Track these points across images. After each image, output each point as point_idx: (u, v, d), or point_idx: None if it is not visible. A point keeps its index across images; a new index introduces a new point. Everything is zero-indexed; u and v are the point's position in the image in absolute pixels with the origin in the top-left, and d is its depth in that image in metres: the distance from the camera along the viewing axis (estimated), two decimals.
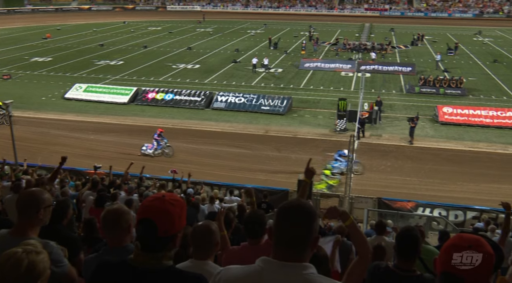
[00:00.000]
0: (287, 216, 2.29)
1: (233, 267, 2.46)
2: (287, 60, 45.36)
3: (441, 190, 19.05)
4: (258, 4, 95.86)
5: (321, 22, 73.58)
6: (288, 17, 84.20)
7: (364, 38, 57.93)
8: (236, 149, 23.30)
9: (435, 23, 75.80)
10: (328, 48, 51.97)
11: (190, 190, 13.46)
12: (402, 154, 22.96)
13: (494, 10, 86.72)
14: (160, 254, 2.51)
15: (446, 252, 2.22)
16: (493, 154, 22.99)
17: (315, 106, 30.77)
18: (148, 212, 2.49)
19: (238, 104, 29.93)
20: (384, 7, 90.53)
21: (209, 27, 68.46)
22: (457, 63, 44.44)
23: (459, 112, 27.63)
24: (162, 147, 22.71)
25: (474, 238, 2.22)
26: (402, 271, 3.82)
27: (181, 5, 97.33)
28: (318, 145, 24.00)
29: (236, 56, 46.35)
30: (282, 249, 2.28)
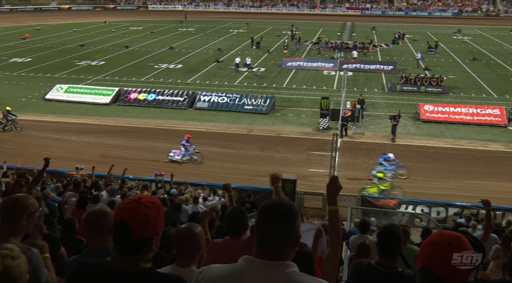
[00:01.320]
0: (268, 215, 2.30)
1: (215, 266, 2.46)
2: (269, 59, 45.40)
3: (423, 187, 19.24)
4: (240, 3, 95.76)
5: (303, 21, 73.84)
6: (270, 16, 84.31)
7: (346, 37, 58.24)
8: (219, 149, 23.24)
9: (415, 21, 76.58)
10: (310, 47, 52.17)
11: (174, 190, 13.39)
12: (385, 152, 23.06)
13: (472, 9, 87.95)
14: (137, 257, 2.46)
15: (425, 248, 2.23)
16: (473, 151, 23.30)
17: (298, 105, 30.84)
18: (122, 215, 2.45)
19: (221, 104, 29.85)
20: (365, 6, 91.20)
21: (191, 27, 68.19)
22: (437, 62, 44.96)
23: (440, 110, 27.95)
24: (191, 153, 21.87)
25: (454, 235, 2.22)
26: (384, 268, 3.86)
27: (163, 5, 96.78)
28: (301, 143, 24.06)
29: (219, 55, 46.24)
30: (264, 248, 2.29)
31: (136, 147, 23.49)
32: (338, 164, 20.45)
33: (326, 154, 20.88)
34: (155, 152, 22.68)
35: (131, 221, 2.42)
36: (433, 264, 2.17)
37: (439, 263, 2.16)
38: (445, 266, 2.14)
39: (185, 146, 21.86)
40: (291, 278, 2.23)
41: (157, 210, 2.49)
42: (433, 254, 2.18)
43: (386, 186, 18.85)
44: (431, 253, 2.19)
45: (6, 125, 25.69)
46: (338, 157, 20.78)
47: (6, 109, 25.96)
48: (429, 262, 2.19)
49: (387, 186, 18.86)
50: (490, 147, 24.00)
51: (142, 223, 2.42)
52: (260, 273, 2.26)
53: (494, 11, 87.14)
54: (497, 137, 25.31)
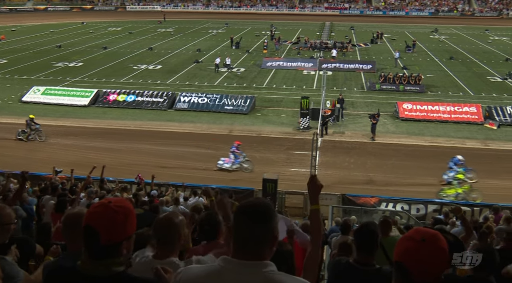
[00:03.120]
0: (245, 216, 2.30)
1: (193, 267, 2.47)
2: (249, 59, 45.41)
3: (403, 184, 19.45)
4: (219, 3, 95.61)
5: (282, 21, 74.05)
6: (249, 16, 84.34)
7: (325, 37, 58.61)
8: (200, 149, 23.14)
9: (393, 21, 77.45)
10: (289, 47, 52.33)
11: (154, 191, 13.29)
12: (365, 150, 23.32)
13: (448, 9, 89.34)
14: (109, 261, 2.43)
15: (400, 243, 2.26)
16: (451, 148, 23.60)
17: (278, 105, 30.90)
18: (90, 219, 2.41)
19: (201, 104, 29.74)
20: (343, 5, 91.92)
21: (170, 27, 67.82)
22: (415, 61, 45.53)
23: (419, 108, 28.30)
24: (241, 161, 20.95)
25: (429, 232, 2.23)
26: (362, 265, 3.92)
27: (141, 5, 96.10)
28: (282, 143, 24.11)
29: (198, 56, 46.07)
30: (241, 248, 2.29)
31: (116, 148, 23.25)
32: (318, 163, 20.55)
33: (307, 153, 20.93)
34: (135, 154, 22.48)
35: (98, 226, 2.38)
36: (406, 259, 2.19)
37: (411, 258, 2.17)
38: (417, 262, 2.15)
39: (234, 153, 20.88)
40: (269, 278, 2.24)
41: (126, 214, 2.45)
42: (407, 249, 2.20)
43: (465, 188, 18.60)
44: (405, 248, 2.21)
45: (30, 135, 24.39)
46: (318, 156, 20.86)
47: (30, 118, 24.60)
48: (402, 257, 2.20)
49: (466, 188, 18.60)
50: (467, 144, 24.38)
51: (110, 228, 2.39)
52: (237, 273, 2.26)
53: (470, 11, 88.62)
54: (474, 134, 25.72)
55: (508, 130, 26.27)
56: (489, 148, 23.94)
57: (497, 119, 27.04)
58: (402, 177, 20.12)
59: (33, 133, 24.49)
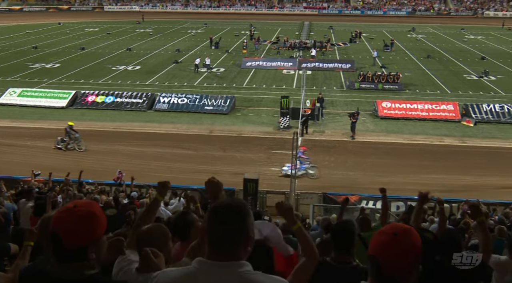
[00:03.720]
0: (218, 216, 2.28)
1: (169, 270, 2.46)
2: (228, 59, 45.33)
3: (383, 182, 19.51)
4: (198, 3, 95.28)
5: (261, 21, 74.11)
6: (228, 16, 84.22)
7: (304, 36, 58.86)
8: (180, 150, 23.01)
9: (371, 20, 78.14)
10: (269, 46, 52.41)
11: (134, 193, 13.18)
12: (345, 149, 23.49)
13: (425, 8, 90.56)
14: (77, 264, 2.40)
15: (375, 237, 2.29)
16: (429, 146, 23.97)
17: (258, 104, 30.93)
18: (54, 224, 2.39)
19: (181, 105, 29.59)
20: (322, 5, 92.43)
21: (149, 28, 67.30)
22: (393, 59, 46.02)
23: (397, 106, 28.61)
24: (306, 167, 20.37)
25: (403, 227, 2.27)
26: (339, 263, 3.94)
27: (119, 6, 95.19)
28: (262, 143, 24.13)
29: (177, 56, 45.81)
30: (215, 249, 2.28)
31: (96, 150, 22.98)
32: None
33: (287, 152, 20.94)
34: (115, 155, 22.25)
35: (61, 231, 2.36)
36: (378, 252, 2.22)
37: (382, 251, 2.20)
38: (388, 255, 2.18)
39: (300, 159, 20.23)
40: (245, 277, 2.23)
41: (92, 218, 2.41)
42: (379, 242, 2.23)
43: None
44: (377, 242, 2.24)
45: (69, 144, 23.01)
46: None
47: (69, 125, 23.18)
48: (375, 250, 2.24)
49: None
50: (445, 141, 24.75)
51: (74, 233, 2.36)
52: (212, 274, 2.25)
53: (446, 10, 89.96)
54: (452, 132, 26.11)
55: (485, 127, 26.74)
56: (466, 145, 24.33)
57: (474, 117, 27.51)
58: (382, 175, 20.26)
59: (72, 143, 23.03)
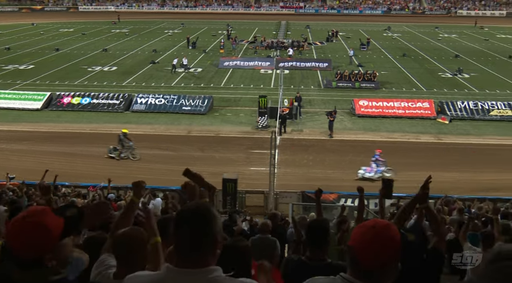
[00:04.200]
0: (183, 222, 2.22)
1: (139, 274, 2.41)
2: (206, 59, 45.21)
3: (361, 180, 19.79)
4: (174, 3, 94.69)
5: (238, 21, 74.04)
6: (205, 16, 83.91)
7: (281, 36, 59.03)
8: (159, 151, 22.88)
9: (347, 19, 78.78)
10: (246, 46, 52.41)
11: (111, 195, 13.04)
12: (323, 147, 23.64)
13: (400, 7, 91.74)
14: (38, 271, 2.36)
15: (355, 229, 2.34)
16: (406, 143, 24.31)
17: (236, 104, 30.93)
18: (6, 236, 2.37)
19: (158, 105, 29.40)
20: (299, 5, 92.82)
21: (125, 28, 66.63)
22: (369, 58, 46.50)
23: (374, 104, 28.92)
24: (383, 170, 20.27)
25: (383, 222, 2.32)
26: (313, 261, 3.95)
27: (94, 6, 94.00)
28: (241, 143, 24.13)
29: (154, 57, 45.46)
30: (183, 256, 2.23)
31: (73, 153, 22.65)
32: (278, 161, 20.66)
33: (266, 152, 20.99)
34: (92, 157, 21.99)
35: (12, 244, 2.33)
36: (354, 243, 2.26)
37: (359, 242, 2.24)
38: (364, 246, 2.22)
39: (376, 162, 20.28)
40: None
41: (41, 230, 2.36)
42: (357, 234, 2.28)
43: None
44: (355, 233, 2.29)
45: (122, 153, 22.09)
46: (277, 154, 21.01)
47: (123, 132, 22.25)
48: (353, 241, 2.27)
49: None
50: (422, 138, 25.12)
51: (24, 246, 2.33)
52: (180, 282, 2.20)
53: (420, 9, 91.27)
54: (428, 129, 26.53)
55: (459, 124, 27.23)
56: (442, 142, 24.73)
57: (449, 114, 27.98)
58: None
59: (125, 151, 22.12)
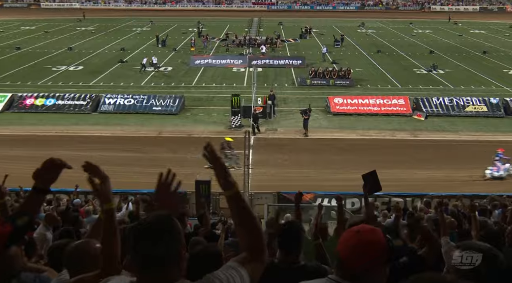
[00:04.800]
0: (140, 236, 2.09)
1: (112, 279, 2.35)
2: (176, 57, 44.96)
3: (337, 179, 19.96)
4: (142, 0, 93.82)
5: (209, 18, 73.77)
6: (175, 13, 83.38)
7: (254, 33, 59.12)
8: (128, 153, 22.59)
9: (321, 16, 79.41)
10: (218, 44, 52.31)
11: (77, 200, 12.80)
12: (298, 147, 23.75)
13: (374, 3, 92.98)
14: None
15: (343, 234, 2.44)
16: (382, 141, 24.63)
17: (209, 104, 30.83)
18: None
19: (127, 106, 29.06)
20: (271, 1, 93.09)
21: (91, 26, 65.69)
22: (344, 55, 46.98)
23: (349, 102, 29.23)
24: (508, 168, 20.36)
25: (368, 228, 2.41)
26: (285, 264, 3.93)
27: (57, 2, 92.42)
28: (214, 143, 23.70)
29: (122, 55, 44.98)
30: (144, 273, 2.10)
31: (37, 156, 22.06)
32: (252, 161, 20.66)
33: (240, 152, 21.03)
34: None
35: None
36: (340, 247, 2.37)
37: (344, 246, 2.35)
38: (348, 250, 2.33)
39: (502, 161, 20.42)
40: None
41: None
42: (343, 238, 2.39)
43: None
44: (342, 238, 2.40)
45: (225, 162, 21.19)
46: (251, 154, 21.00)
47: (226, 141, 21.58)
48: (339, 245, 2.39)
49: None
50: (398, 135, 25.50)
51: None
52: None
53: (394, 5, 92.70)
54: (403, 126, 26.93)
55: (435, 121, 27.73)
56: (418, 139, 25.14)
57: (424, 111, 28.46)
58: (336, 172, 20.65)
59: (228, 160, 20.93)
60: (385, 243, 2.32)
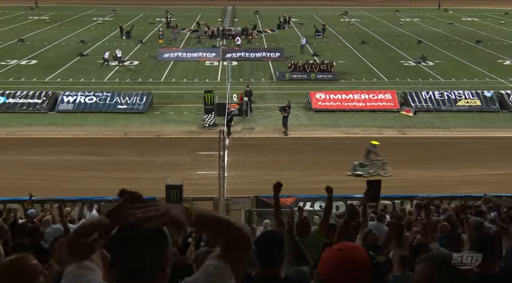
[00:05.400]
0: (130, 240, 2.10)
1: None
2: (143, 50, 44.71)
3: (320, 181, 19.96)
4: None
5: (179, 7, 73.38)
6: (140, 1, 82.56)
7: (228, 23, 59.07)
8: (91, 157, 22.34)
9: (300, 4, 79.65)
10: (188, 35, 52.13)
11: (31, 210, 12.57)
12: (278, 147, 23.82)
13: None
14: None
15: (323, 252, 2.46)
16: (368, 139, 24.80)
17: (179, 101, 30.74)
18: None
19: (89, 104, 28.75)
20: None
21: (45, 15, 64.81)
22: (326, 46, 47.30)
23: (332, 97, 29.43)
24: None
25: (350, 245, 2.47)
26: (264, 278, 3.85)
27: None
28: (186, 144, 23.98)
29: (82, 48, 44.49)
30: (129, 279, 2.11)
31: None
32: (227, 163, 20.63)
33: (214, 153, 20.93)
34: (10, 166, 21.20)
35: None
36: (321, 267, 2.39)
37: (326, 266, 2.37)
38: (330, 270, 2.35)
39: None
40: None
41: None
42: (324, 257, 2.41)
43: None
44: (323, 257, 2.43)
45: (371, 168, 21.04)
46: (227, 156, 20.99)
47: (372, 144, 21.32)
48: (320, 265, 2.41)
49: None
50: (385, 133, 25.79)
51: None
52: None
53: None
54: (391, 123, 27.28)
55: (425, 117, 28.15)
56: (406, 136, 25.48)
57: (413, 106, 28.82)
58: (319, 173, 20.72)
59: (373, 167, 21.19)
60: (368, 260, 2.36)
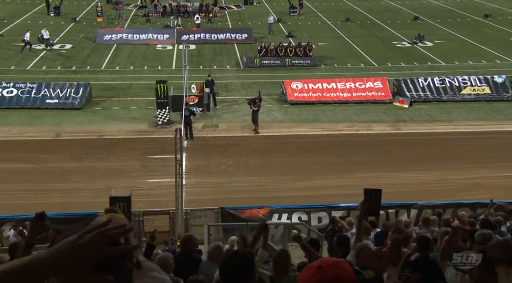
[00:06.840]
0: None
1: None
2: (77, 31, 44.36)
3: (299, 188, 20.26)
4: None
5: None
6: None
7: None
8: (13, 164, 22.02)
9: None
10: (134, 12, 51.77)
11: None
12: (247, 147, 23.94)
13: None
14: None
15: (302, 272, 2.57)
16: (355, 136, 25.18)
17: (125, 94, 30.65)
18: None
19: (8, 98, 28.32)
20: None
21: None
22: (303, 25, 47.62)
23: (311, 87, 29.62)
24: None
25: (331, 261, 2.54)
26: None
27: None
28: (134, 146, 23.91)
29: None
30: None
31: None
32: (186, 169, 20.69)
33: (169, 156, 20.96)
34: None
35: None
36: None
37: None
38: None
39: None
40: None
41: None
42: (303, 277, 2.50)
43: None
44: (301, 277, 2.52)
45: None
46: (185, 159, 21.05)
47: None
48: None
49: None
50: (375, 129, 26.14)
51: None
52: None
53: None
54: (382, 116, 27.66)
55: (422, 108, 28.57)
56: (401, 132, 25.88)
57: (408, 95, 29.25)
58: (297, 178, 20.94)
59: None
60: (354, 277, 2.45)
